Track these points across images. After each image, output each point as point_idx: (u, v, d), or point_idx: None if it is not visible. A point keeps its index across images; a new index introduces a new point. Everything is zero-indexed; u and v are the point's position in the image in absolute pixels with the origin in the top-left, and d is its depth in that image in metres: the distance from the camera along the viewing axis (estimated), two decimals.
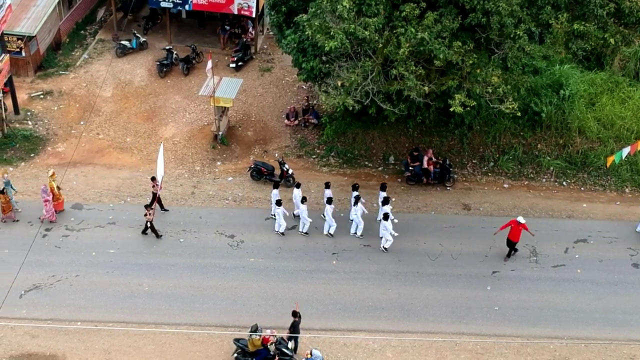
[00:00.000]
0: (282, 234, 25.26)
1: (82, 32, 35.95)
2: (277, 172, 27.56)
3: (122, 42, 33.99)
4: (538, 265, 24.62)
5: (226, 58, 34.08)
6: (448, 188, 27.62)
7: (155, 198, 25.57)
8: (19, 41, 31.46)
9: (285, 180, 27.43)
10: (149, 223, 24.74)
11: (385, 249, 24.71)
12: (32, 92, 31.64)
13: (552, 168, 28.53)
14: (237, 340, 21.37)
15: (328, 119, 29.13)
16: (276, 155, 28.78)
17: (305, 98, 30.83)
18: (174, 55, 33.17)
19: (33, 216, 25.74)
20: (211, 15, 36.01)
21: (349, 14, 21.78)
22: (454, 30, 22.39)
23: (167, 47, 33.35)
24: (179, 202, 26.84)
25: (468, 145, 28.92)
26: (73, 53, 34.43)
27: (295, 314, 21.22)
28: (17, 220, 25.51)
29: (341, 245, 25.09)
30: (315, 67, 24.60)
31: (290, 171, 27.39)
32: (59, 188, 25.72)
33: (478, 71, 22.84)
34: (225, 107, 29.17)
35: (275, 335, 20.96)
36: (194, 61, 33.41)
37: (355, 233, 25.28)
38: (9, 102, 29.83)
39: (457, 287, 23.76)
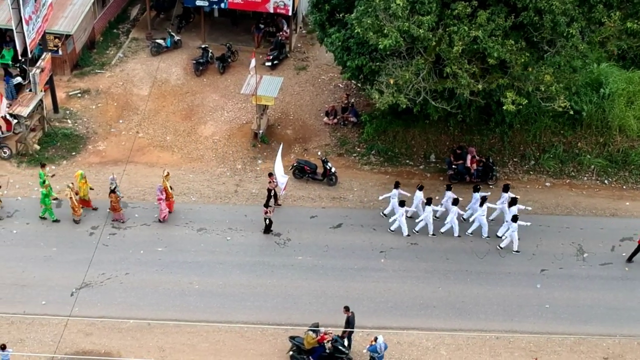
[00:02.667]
0: (408, 235, 25.25)
1: (115, 30, 35.95)
2: (320, 170, 27.58)
3: (157, 40, 34.01)
4: (586, 264, 24.64)
5: (260, 57, 33.99)
6: (490, 186, 27.61)
7: (270, 194, 25.45)
8: (56, 40, 31.47)
9: (328, 179, 27.46)
10: (267, 221, 24.80)
11: (516, 250, 24.77)
12: (69, 91, 31.67)
13: (593, 166, 28.54)
14: (292, 337, 21.42)
15: (368, 117, 29.14)
16: (319, 153, 28.80)
17: (345, 96, 30.85)
18: (210, 54, 33.19)
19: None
20: (243, 13, 36.07)
21: (403, 12, 21.81)
22: (507, 28, 22.42)
23: (203, 46, 33.36)
24: (222, 200, 26.87)
25: (509, 143, 28.92)
26: (107, 52, 34.45)
27: (347, 309, 21.28)
28: (124, 221, 25.58)
29: (388, 243, 25.12)
30: (366, 66, 24.59)
31: (333, 169, 27.41)
32: (171, 188, 25.73)
33: (530, 70, 22.85)
34: (265, 106, 29.18)
35: (331, 333, 20.99)
36: (229, 60, 33.41)
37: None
38: (48, 101, 29.85)
39: (507, 285, 23.79)
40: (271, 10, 33.11)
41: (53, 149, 28.87)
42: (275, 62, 33.33)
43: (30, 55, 27.76)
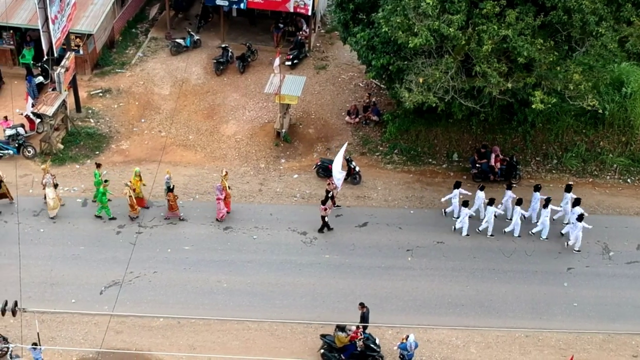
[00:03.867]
0: (467, 235, 25.35)
1: (133, 30, 36.03)
2: (344, 169, 27.57)
3: (177, 40, 34.08)
4: (612, 262, 24.71)
5: (280, 56, 34.10)
6: (514, 185, 27.62)
7: (329, 195, 25.51)
8: (78, 39, 31.55)
9: (351, 178, 27.52)
10: (326, 218, 24.91)
11: (577, 250, 24.91)
12: (91, 90, 31.73)
13: (615, 165, 28.60)
14: (323, 335, 21.50)
15: (390, 116, 29.20)
16: None
17: (367, 95, 30.92)
18: (230, 53, 33.26)
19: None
20: (262, 13, 36.16)
21: (433, 11, 21.87)
22: (536, 27, 22.48)
23: (223, 45, 33.43)
24: (247, 199, 26.93)
25: (531, 142, 28.96)
26: (127, 51, 34.53)
27: (362, 305, 21.38)
28: (182, 219, 25.71)
29: (414, 242, 25.19)
30: (393, 64, 24.65)
31: (357, 168, 27.47)
32: (229, 188, 25.78)
33: (558, 68, 22.92)
34: (288, 105, 29.23)
35: (363, 332, 21.06)
36: (249, 59, 33.47)
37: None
38: (70, 100, 29.89)
39: (534, 284, 23.85)
40: (291, 10, 33.17)
41: (76, 148, 28.95)
42: (295, 61, 33.39)
43: (56, 55, 27.78)
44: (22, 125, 28.69)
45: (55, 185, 25.28)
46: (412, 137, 29.21)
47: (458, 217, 25.53)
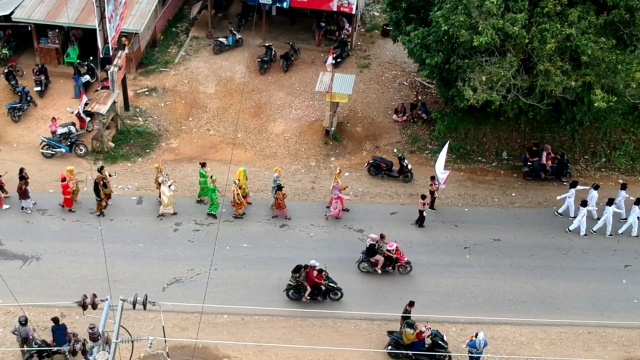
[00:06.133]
0: (586, 234, 25.47)
1: (174, 29, 36.19)
2: (396, 167, 27.78)
3: (220, 39, 34.22)
4: None
5: (322, 55, 34.30)
6: (564, 183, 27.81)
7: (433, 196, 25.74)
8: (124, 38, 31.65)
9: (404, 176, 27.66)
10: (424, 213, 25.14)
11: None
12: (137, 89, 31.89)
13: None
14: (390, 332, 21.60)
15: (438, 114, 29.35)
16: (394, 150, 29.00)
17: (414, 94, 31.06)
18: (273, 52, 33.39)
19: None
20: (301, 12, 36.30)
21: (497, 10, 22.00)
22: (598, 26, 22.62)
23: (267, 44, 33.57)
24: (300, 197, 27.06)
25: (579, 141, 29.13)
26: (169, 50, 34.69)
27: (412, 304, 21.54)
28: (289, 218, 25.82)
29: (471, 239, 25.32)
30: (453, 63, 24.77)
31: (409, 167, 27.61)
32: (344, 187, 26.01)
33: (619, 67, 23.04)
34: (336, 103, 29.36)
35: (430, 328, 21.18)
36: (292, 58, 33.61)
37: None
38: (119, 99, 30.02)
39: (593, 281, 23.98)
40: (335, 9, 33.32)
41: (127, 147, 29.09)
42: (338, 60, 33.52)
43: (111, 53, 27.93)
44: (73, 124, 28.83)
45: (170, 184, 25.43)
46: (461, 135, 29.36)
47: (575, 217, 25.63)
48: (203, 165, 26.18)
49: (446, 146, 25.70)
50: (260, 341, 22.02)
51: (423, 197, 25.26)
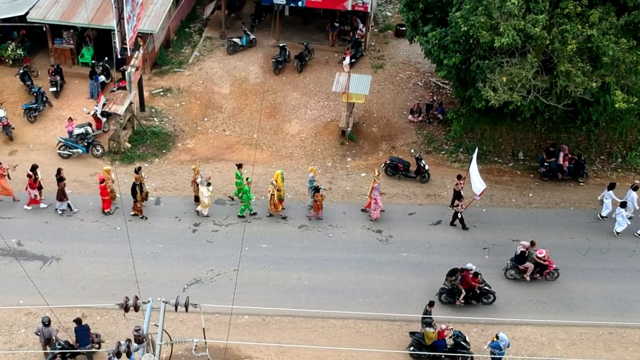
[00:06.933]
0: (618, 233, 25.58)
1: (187, 29, 36.21)
2: (413, 168, 27.79)
3: (234, 39, 34.23)
4: None
5: (336, 55, 34.33)
6: (581, 184, 27.87)
7: (457, 194, 25.76)
8: (139, 38, 31.65)
9: (421, 176, 27.69)
10: (459, 215, 25.13)
11: None
12: (152, 89, 31.91)
13: None
14: (412, 333, 21.63)
15: (454, 115, 29.37)
16: (412, 151, 29.03)
17: (430, 94, 31.08)
18: (287, 52, 33.40)
19: (179, 211, 26.07)
20: (315, 12, 36.32)
21: (519, 11, 22.02)
22: (619, 27, 22.64)
23: (281, 44, 33.58)
24: None
25: (595, 141, 29.16)
26: (183, 50, 34.71)
27: (432, 304, 21.61)
28: (321, 219, 25.84)
29: (489, 240, 25.35)
30: (473, 63, 24.77)
31: (426, 167, 27.63)
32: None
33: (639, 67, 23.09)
34: (352, 104, 29.37)
35: (452, 329, 21.20)
36: (306, 58, 33.62)
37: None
38: (134, 99, 30.03)
39: (613, 281, 24.00)
40: (349, 8, 33.32)
41: (143, 147, 29.11)
42: (353, 60, 33.46)
43: (129, 54, 27.96)
44: (90, 124, 28.85)
45: (208, 184, 25.46)
46: (477, 135, 29.39)
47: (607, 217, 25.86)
48: (239, 166, 26.12)
49: (475, 156, 25.43)
50: (282, 342, 22.06)
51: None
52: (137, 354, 13.82)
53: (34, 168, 25.52)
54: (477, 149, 26.34)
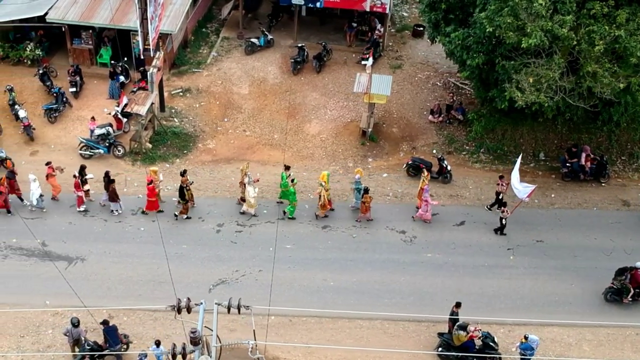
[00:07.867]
0: None
1: (204, 30, 36.20)
2: (435, 168, 27.77)
3: (251, 39, 34.22)
4: None
5: (354, 55, 34.31)
6: (603, 184, 27.85)
7: (498, 197, 25.86)
8: (159, 39, 31.66)
9: (443, 177, 27.67)
10: (504, 220, 25.06)
11: None
12: (171, 90, 31.89)
13: None
14: (441, 334, 21.63)
15: (475, 115, 29.35)
16: (434, 151, 29.02)
17: (450, 95, 31.07)
18: (306, 53, 33.38)
19: (203, 212, 26.07)
20: (332, 12, 36.30)
21: (547, 12, 22.01)
22: None
23: (299, 45, 33.56)
24: (340, 198, 27.06)
25: (616, 142, 29.13)
26: (200, 51, 34.69)
27: (459, 305, 21.52)
28: (371, 220, 25.78)
29: (514, 240, 25.34)
30: (498, 64, 24.75)
31: (448, 167, 27.61)
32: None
33: None
34: (373, 104, 29.35)
35: (480, 330, 21.19)
36: (325, 58, 33.60)
37: None
38: (155, 100, 30.02)
39: None
40: (367, 9, 33.30)
41: (164, 147, 29.11)
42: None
43: (151, 54, 27.96)
44: (111, 125, 28.85)
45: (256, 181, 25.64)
46: (498, 136, 29.37)
47: None
48: (287, 168, 26.11)
49: (519, 160, 25.32)
50: (309, 342, 22.06)
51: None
52: (193, 356, 13.80)
53: (82, 169, 25.59)
54: (521, 153, 26.24)
